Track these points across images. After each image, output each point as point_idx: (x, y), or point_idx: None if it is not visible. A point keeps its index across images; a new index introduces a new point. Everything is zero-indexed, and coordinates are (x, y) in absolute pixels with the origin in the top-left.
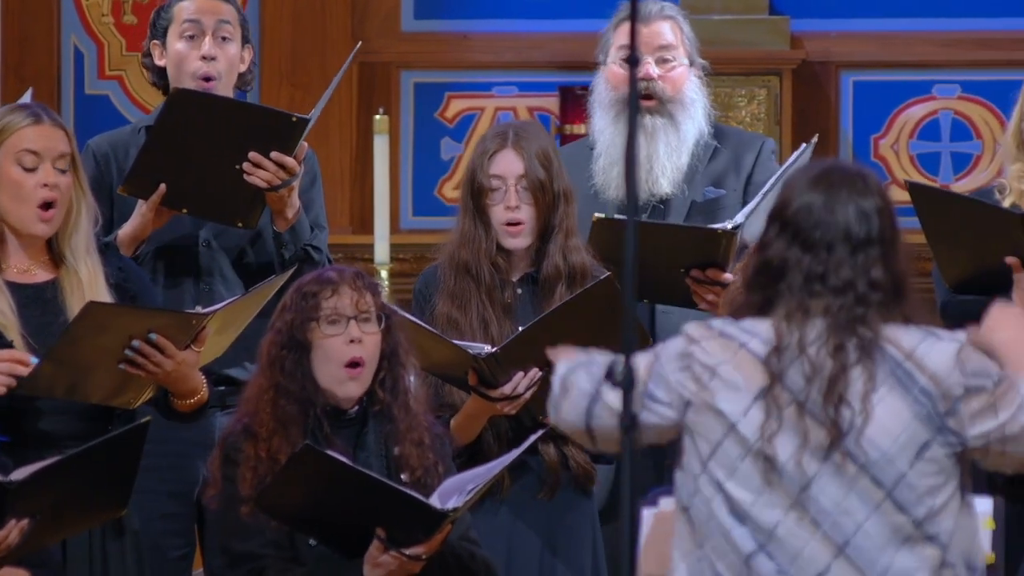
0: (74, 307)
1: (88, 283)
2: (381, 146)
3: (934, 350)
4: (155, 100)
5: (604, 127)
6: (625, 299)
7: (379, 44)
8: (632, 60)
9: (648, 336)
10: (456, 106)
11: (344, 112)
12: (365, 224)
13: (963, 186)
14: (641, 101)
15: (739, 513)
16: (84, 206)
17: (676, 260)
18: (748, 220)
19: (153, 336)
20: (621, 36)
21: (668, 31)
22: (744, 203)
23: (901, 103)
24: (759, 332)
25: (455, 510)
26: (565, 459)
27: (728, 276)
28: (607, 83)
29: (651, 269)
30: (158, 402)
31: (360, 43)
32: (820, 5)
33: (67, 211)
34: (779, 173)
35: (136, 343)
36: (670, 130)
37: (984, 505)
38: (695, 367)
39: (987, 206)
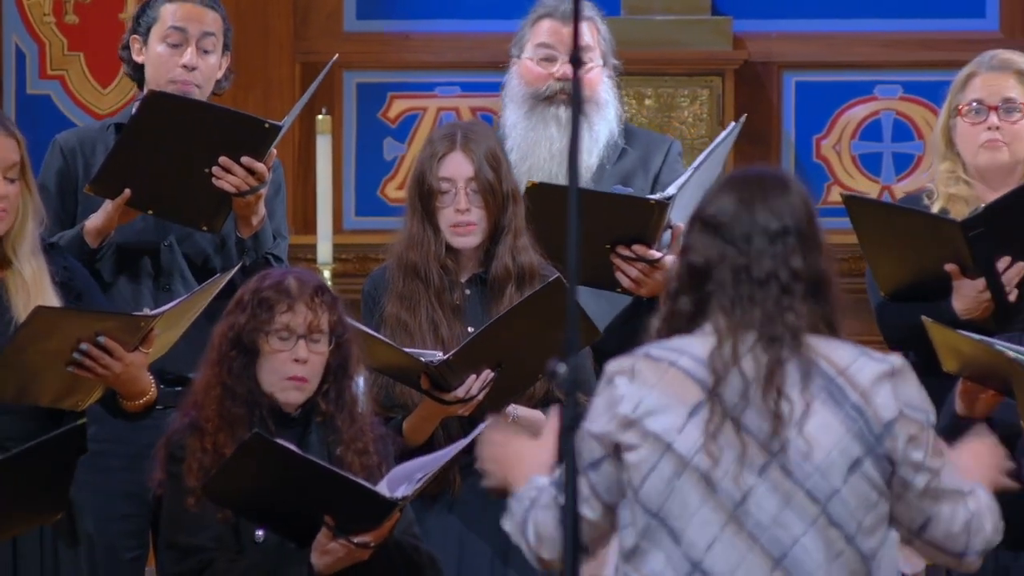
0: (19, 306)
1: (33, 282)
2: (324, 146)
3: (867, 368)
4: (98, 101)
5: (516, 122)
6: (569, 296)
7: (321, 44)
8: (574, 60)
9: (596, 330)
10: (399, 106)
11: (286, 112)
12: (308, 224)
13: (904, 187)
14: (558, 96)
15: (672, 534)
16: (31, 209)
17: (603, 235)
18: (678, 195)
19: (101, 339)
20: (541, 33)
21: (586, 32)
22: None
23: (843, 104)
24: (688, 349)
25: (404, 498)
26: None
27: (655, 252)
28: (520, 78)
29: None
30: (107, 403)
31: (336, 56)
32: (762, 6)
33: (14, 215)
34: (709, 150)
35: (84, 346)
36: (584, 125)
37: None
38: (621, 407)
39: (926, 215)
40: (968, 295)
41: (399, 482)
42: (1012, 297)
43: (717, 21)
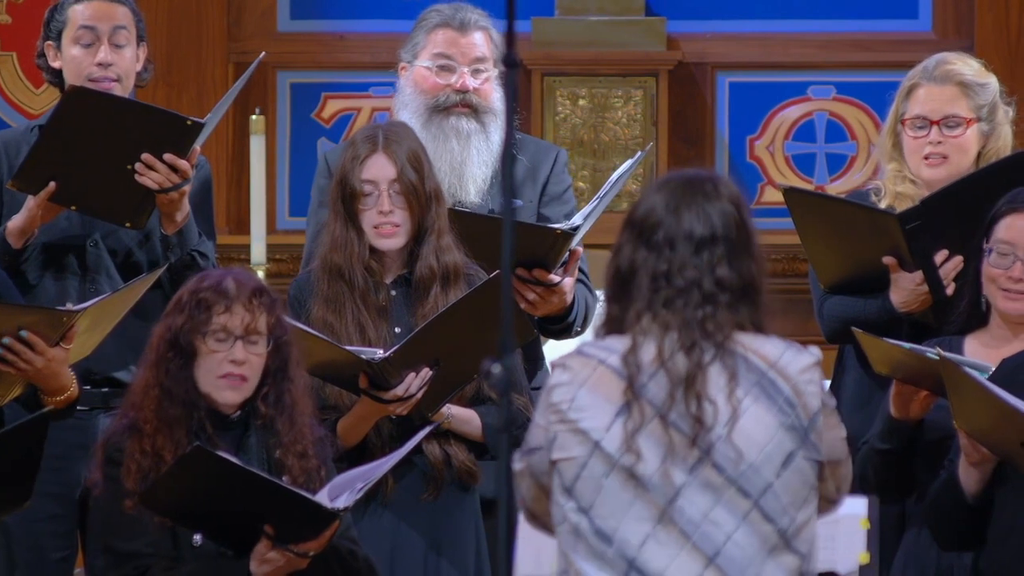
0: None
1: None
2: (257, 146)
3: (796, 361)
4: (30, 100)
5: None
6: (503, 300)
7: (255, 44)
8: (509, 61)
9: (532, 329)
10: (333, 106)
11: None
12: (242, 224)
13: (838, 187)
14: (456, 107)
15: (605, 533)
16: None
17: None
18: (585, 223)
19: (24, 333)
20: (438, 43)
21: (482, 42)
22: (540, 213)
23: (776, 104)
24: (617, 348)
25: (345, 509)
26: (448, 458)
27: (553, 277)
28: (415, 86)
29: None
30: (27, 399)
31: (264, 54)
32: (696, 6)
33: None
34: (614, 178)
35: (6, 340)
36: (482, 138)
37: (858, 505)
38: (555, 397)
39: (864, 208)
40: (906, 288)
41: (339, 491)
42: (949, 290)
43: (651, 22)
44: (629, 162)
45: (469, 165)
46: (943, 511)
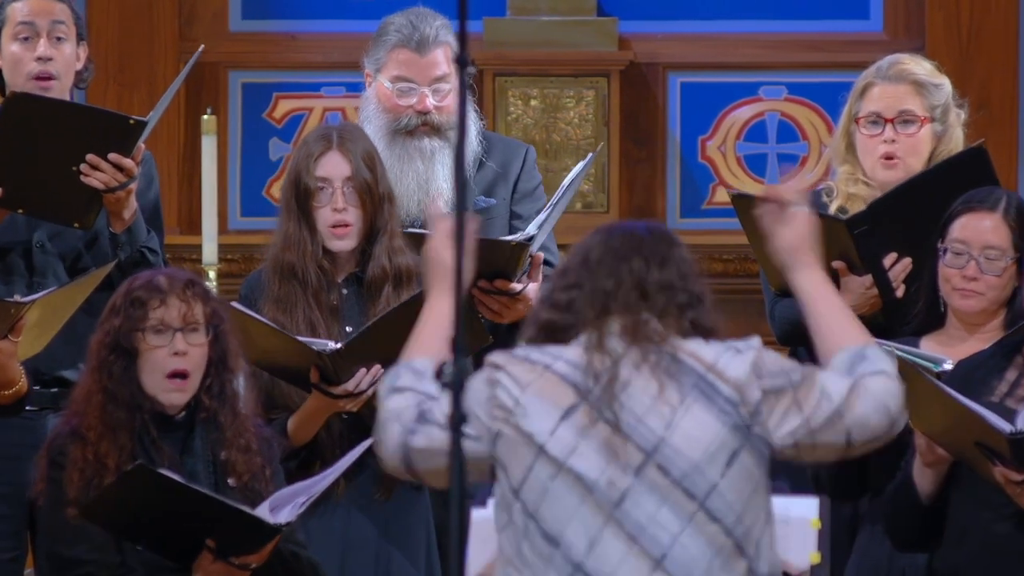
0: None
1: None
2: (209, 146)
3: (735, 361)
4: None
5: (380, 151)
6: (455, 305)
7: (207, 44)
8: (462, 61)
9: (487, 335)
10: (284, 106)
11: (172, 112)
12: (193, 225)
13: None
14: (418, 129)
15: (552, 537)
16: None
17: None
18: (539, 231)
19: None
20: (397, 64)
21: (443, 59)
22: (513, 211)
23: (728, 105)
24: (563, 354)
25: (288, 524)
26: None
27: (516, 286)
28: (379, 101)
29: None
30: None
31: (203, 47)
32: (647, 7)
33: None
34: (565, 184)
35: None
36: (446, 153)
37: (809, 505)
38: (500, 395)
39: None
40: (855, 292)
41: (282, 505)
42: (899, 293)
43: (603, 22)
44: (580, 166)
45: (435, 180)
46: (898, 512)
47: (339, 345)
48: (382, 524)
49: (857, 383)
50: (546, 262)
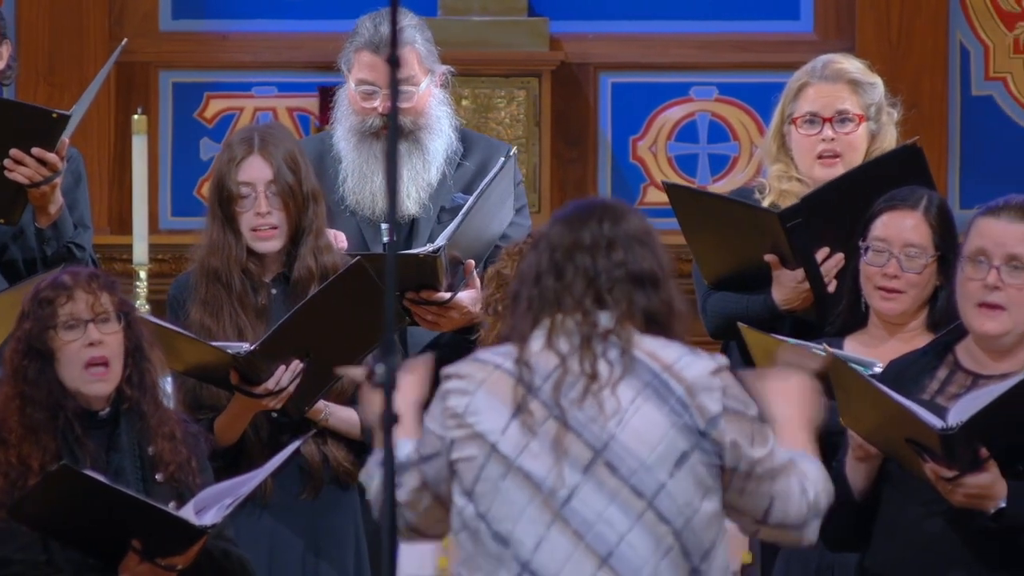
0: None
1: None
2: (139, 146)
3: (694, 364)
4: None
5: (347, 151)
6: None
7: (137, 44)
8: (392, 61)
9: (403, 317)
10: (215, 106)
11: (102, 112)
12: (124, 224)
13: (720, 187)
14: (383, 131)
15: (502, 537)
16: None
17: (397, 285)
18: (455, 238)
19: None
20: (361, 67)
21: (406, 60)
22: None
23: (659, 105)
24: (513, 353)
25: (213, 526)
26: (326, 457)
27: (443, 295)
28: (349, 103)
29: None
30: None
31: (125, 40)
32: (578, 7)
33: None
34: (480, 189)
35: None
36: (416, 153)
37: None
38: (451, 403)
39: (745, 205)
40: (787, 285)
41: (208, 507)
42: (831, 288)
43: (534, 22)
44: (494, 171)
45: (403, 181)
46: (830, 509)
47: (253, 346)
48: (309, 524)
49: (795, 463)
50: None
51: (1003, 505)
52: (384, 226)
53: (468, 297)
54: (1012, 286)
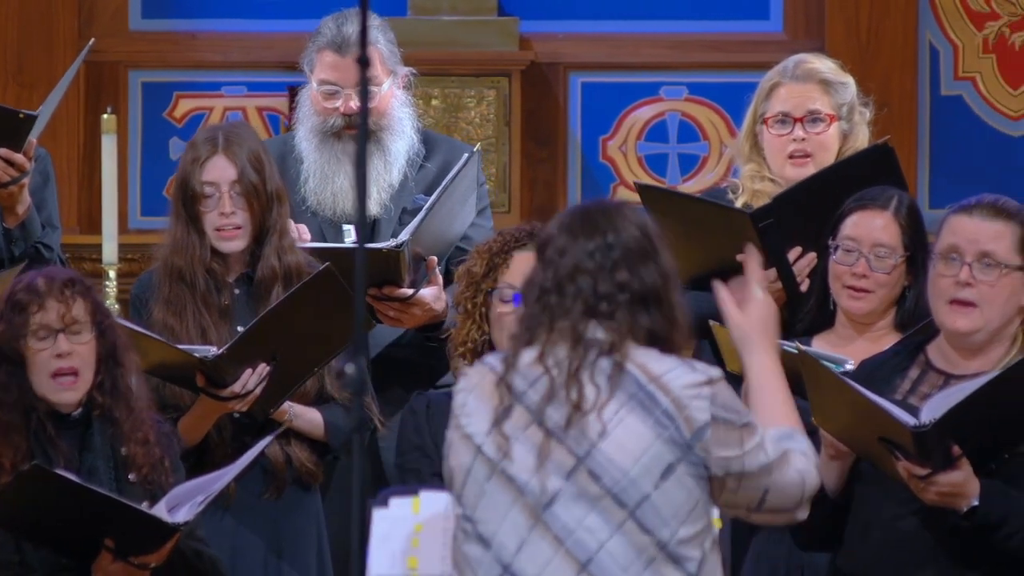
0: None
1: None
2: (109, 146)
3: (684, 378)
4: None
5: (309, 151)
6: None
7: (107, 43)
8: (362, 61)
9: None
10: (185, 106)
11: (71, 111)
12: (93, 224)
13: (690, 187)
14: (344, 131)
15: (485, 539)
16: None
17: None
18: (418, 234)
19: None
20: (323, 68)
21: (369, 59)
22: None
23: (629, 105)
24: (506, 358)
25: (186, 523)
26: (289, 457)
27: (405, 291)
28: (311, 103)
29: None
30: None
31: (93, 40)
32: (549, 7)
33: None
34: (442, 187)
35: None
36: (377, 154)
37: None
38: (455, 402)
39: (716, 205)
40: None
41: (180, 504)
42: (804, 287)
43: (504, 22)
44: (456, 168)
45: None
46: None
47: (221, 351)
48: (271, 525)
49: (787, 453)
50: None
51: (975, 503)
52: (346, 227)
53: (430, 293)
54: (984, 283)
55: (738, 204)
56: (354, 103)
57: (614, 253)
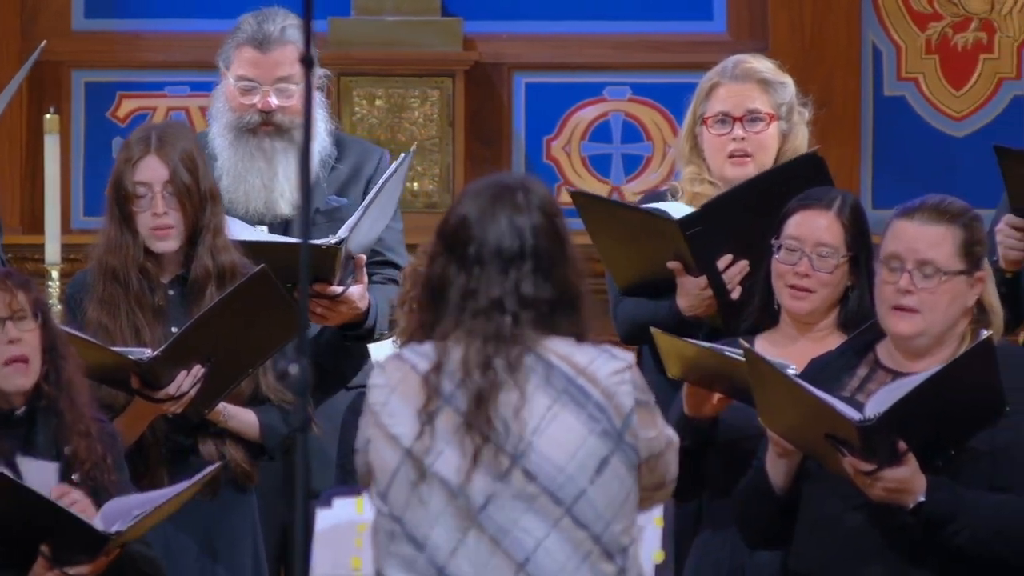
0: None
1: None
2: (52, 146)
3: (607, 366)
4: None
5: (223, 148)
6: (300, 312)
7: (50, 43)
8: (307, 61)
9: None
10: (128, 106)
11: (14, 111)
12: (36, 224)
13: (633, 188)
14: (260, 128)
15: (417, 540)
16: None
17: (287, 277)
18: (353, 233)
19: None
20: (242, 63)
21: (287, 59)
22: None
23: (572, 105)
24: (430, 355)
25: (118, 534)
26: (224, 458)
27: (335, 289)
28: (226, 99)
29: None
30: None
31: (44, 43)
32: (492, 7)
33: None
34: (378, 186)
35: None
36: (290, 152)
37: None
38: (372, 398)
39: (646, 213)
40: (691, 292)
41: (116, 516)
42: (735, 295)
43: (447, 22)
44: (393, 166)
45: (277, 181)
46: (751, 506)
47: (155, 353)
48: (206, 526)
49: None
50: (394, 265)
51: (922, 499)
52: (260, 227)
53: (357, 291)
54: (924, 290)
55: (665, 211)
56: (273, 99)
57: (527, 264)
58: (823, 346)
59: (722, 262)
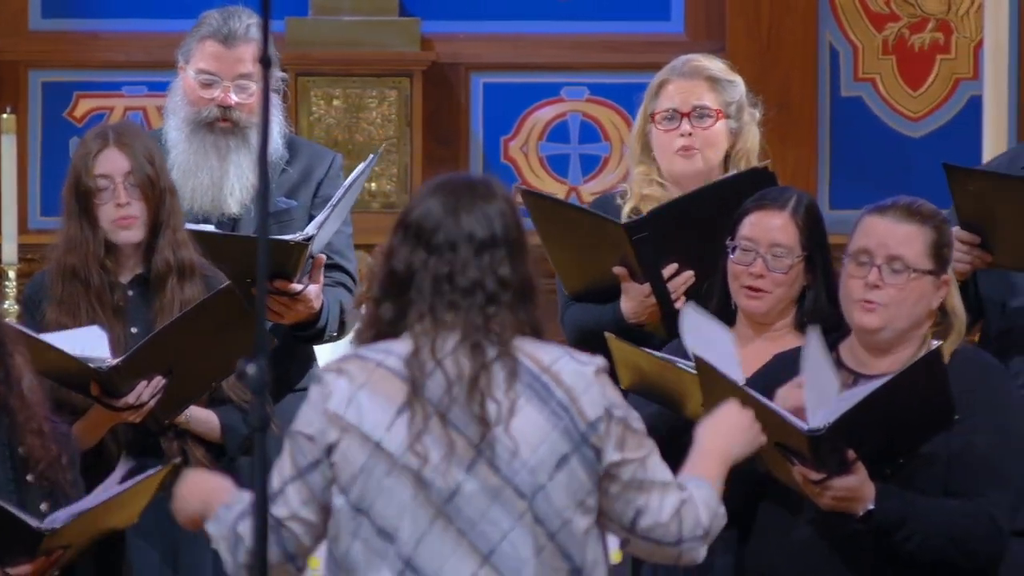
0: None
1: None
2: (8, 146)
3: (571, 367)
4: None
5: (178, 141)
6: (258, 308)
7: (6, 43)
8: (264, 61)
9: (272, 339)
10: (85, 105)
11: None
12: None
13: (591, 188)
14: (218, 123)
15: (387, 532)
16: None
17: (246, 272)
18: (319, 232)
19: None
20: (204, 57)
21: (249, 57)
22: (312, 215)
23: (530, 105)
24: (395, 349)
25: (52, 531)
26: (186, 457)
27: (295, 286)
28: (184, 93)
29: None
30: None
31: (0, 42)
32: (450, 7)
33: None
34: (346, 185)
35: None
36: (243, 151)
37: None
38: (331, 405)
39: (593, 216)
40: (635, 299)
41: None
42: (679, 304)
43: (405, 22)
44: (360, 167)
45: (228, 179)
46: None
47: (116, 362)
48: (167, 527)
49: (683, 485)
50: (343, 269)
51: (871, 507)
52: (206, 226)
53: (314, 291)
54: (892, 286)
55: (626, 209)
56: (232, 96)
57: (499, 250)
58: (779, 346)
59: (667, 271)
